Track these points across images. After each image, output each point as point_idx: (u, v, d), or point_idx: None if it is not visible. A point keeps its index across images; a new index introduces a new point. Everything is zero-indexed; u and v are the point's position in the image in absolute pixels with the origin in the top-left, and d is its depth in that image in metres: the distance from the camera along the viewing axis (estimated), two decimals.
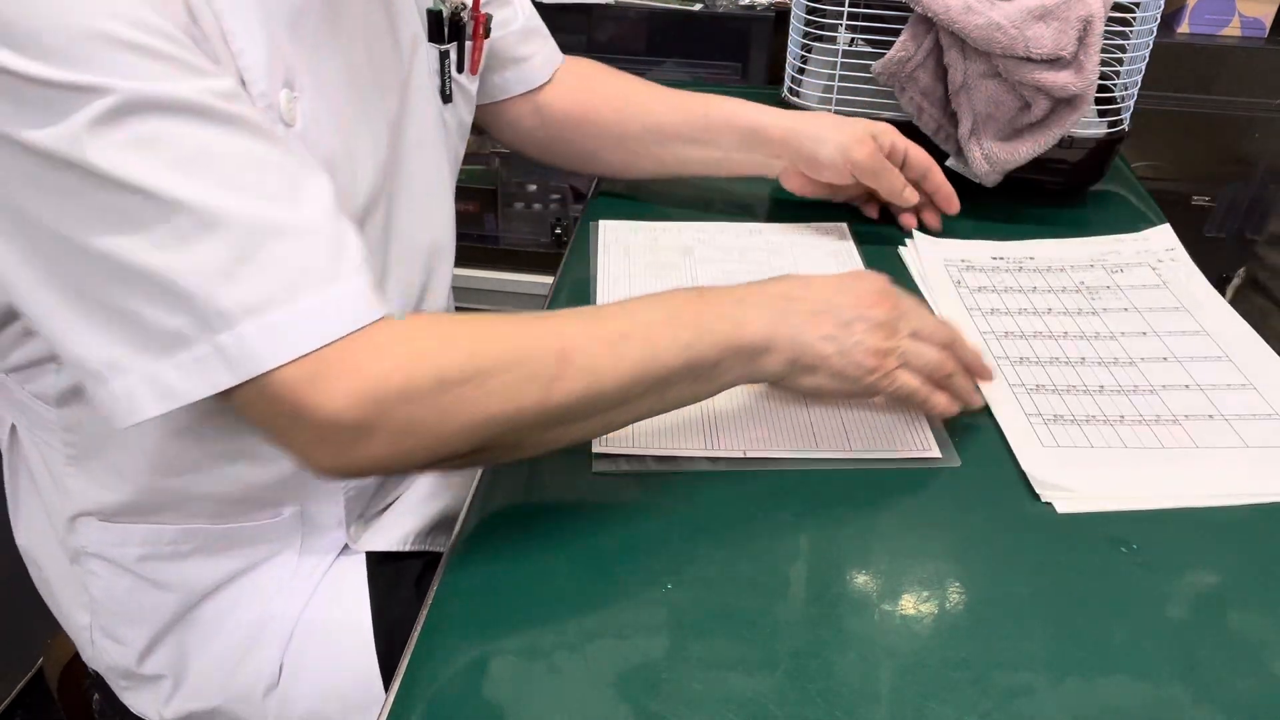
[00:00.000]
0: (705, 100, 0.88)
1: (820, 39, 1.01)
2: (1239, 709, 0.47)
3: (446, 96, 0.73)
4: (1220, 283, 1.00)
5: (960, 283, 0.81)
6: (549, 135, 0.90)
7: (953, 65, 0.86)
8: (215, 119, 0.47)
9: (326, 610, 0.70)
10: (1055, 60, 0.81)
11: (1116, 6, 0.86)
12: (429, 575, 0.55)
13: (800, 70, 0.99)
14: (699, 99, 0.88)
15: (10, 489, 0.72)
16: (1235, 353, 0.72)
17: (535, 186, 1.82)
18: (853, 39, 0.94)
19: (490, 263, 1.89)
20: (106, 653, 0.70)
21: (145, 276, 0.46)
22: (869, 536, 0.57)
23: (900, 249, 0.87)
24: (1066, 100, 0.83)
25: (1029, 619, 0.52)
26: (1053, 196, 0.95)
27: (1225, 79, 1.55)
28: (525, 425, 0.52)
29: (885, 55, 0.88)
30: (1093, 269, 0.83)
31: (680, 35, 1.60)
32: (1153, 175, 1.61)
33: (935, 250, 0.86)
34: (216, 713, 0.71)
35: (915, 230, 0.88)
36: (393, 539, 0.73)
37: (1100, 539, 0.57)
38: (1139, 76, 0.91)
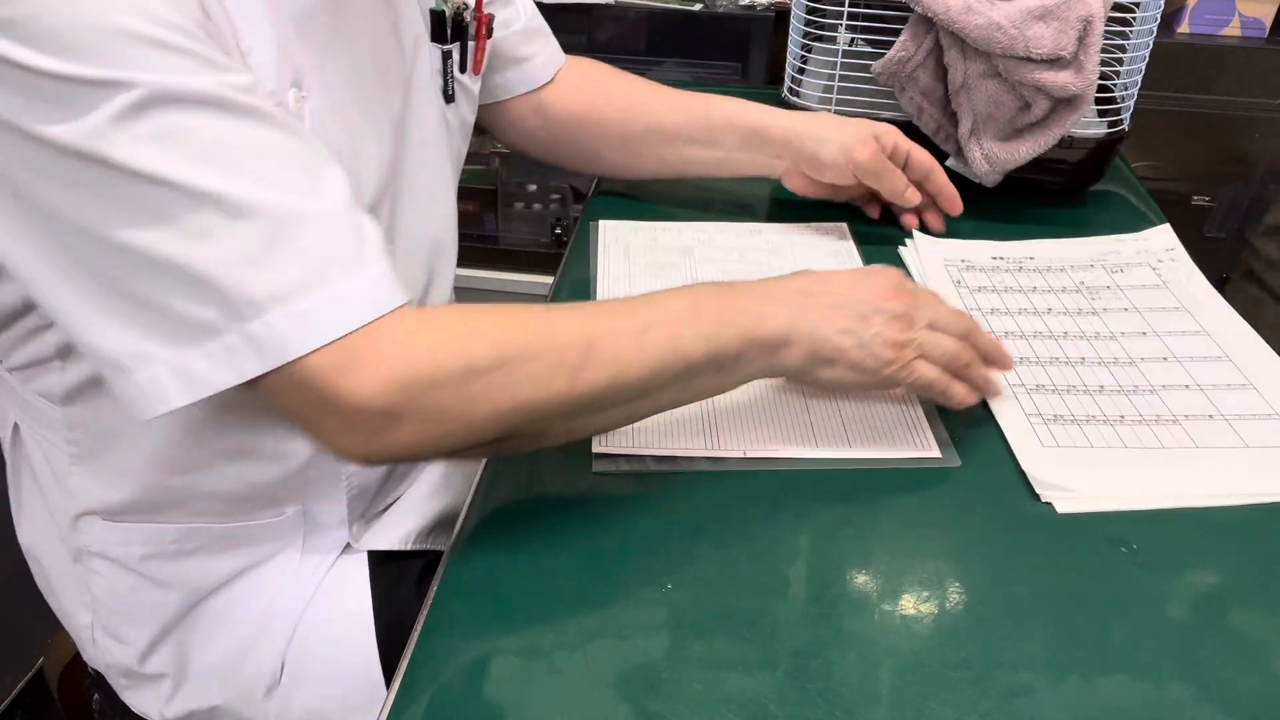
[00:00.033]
0: (707, 100, 0.88)
1: (820, 39, 1.01)
2: (1239, 709, 0.47)
3: (449, 96, 0.74)
4: (1220, 283, 1.00)
5: (960, 283, 0.81)
6: (551, 135, 0.90)
7: (953, 65, 0.86)
8: (235, 111, 0.47)
9: (328, 609, 0.70)
10: (1055, 60, 0.81)
11: (1116, 6, 0.86)
12: (430, 575, 0.56)
13: (800, 70, 0.99)
14: (701, 99, 0.88)
15: (13, 488, 0.73)
16: (1235, 353, 0.72)
17: (535, 186, 1.81)
18: (853, 39, 0.94)
19: (490, 263, 1.89)
20: (108, 652, 0.70)
21: (172, 268, 0.46)
22: (869, 536, 0.57)
23: (900, 249, 0.87)
24: (1066, 100, 0.83)
25: (1029, 619, 0.52)
26: (1053, 196, 0.95)
27: (1225, 79, 1.55)
28: (551, 413, 0.53)
29: (885, 55, 0.88)
30: (1093, 269, 0.83)
31: (680, 35, 1.60)
32: (1153, 175, 1.61)
33: (935, 250, 0.86)
34: (217, 711, 0.71)
35: (915, 230, 0.88)
36: (394, 538, 0.73)
37: (1100, 539, 0.57)
38: (1139, 76, 0.91)
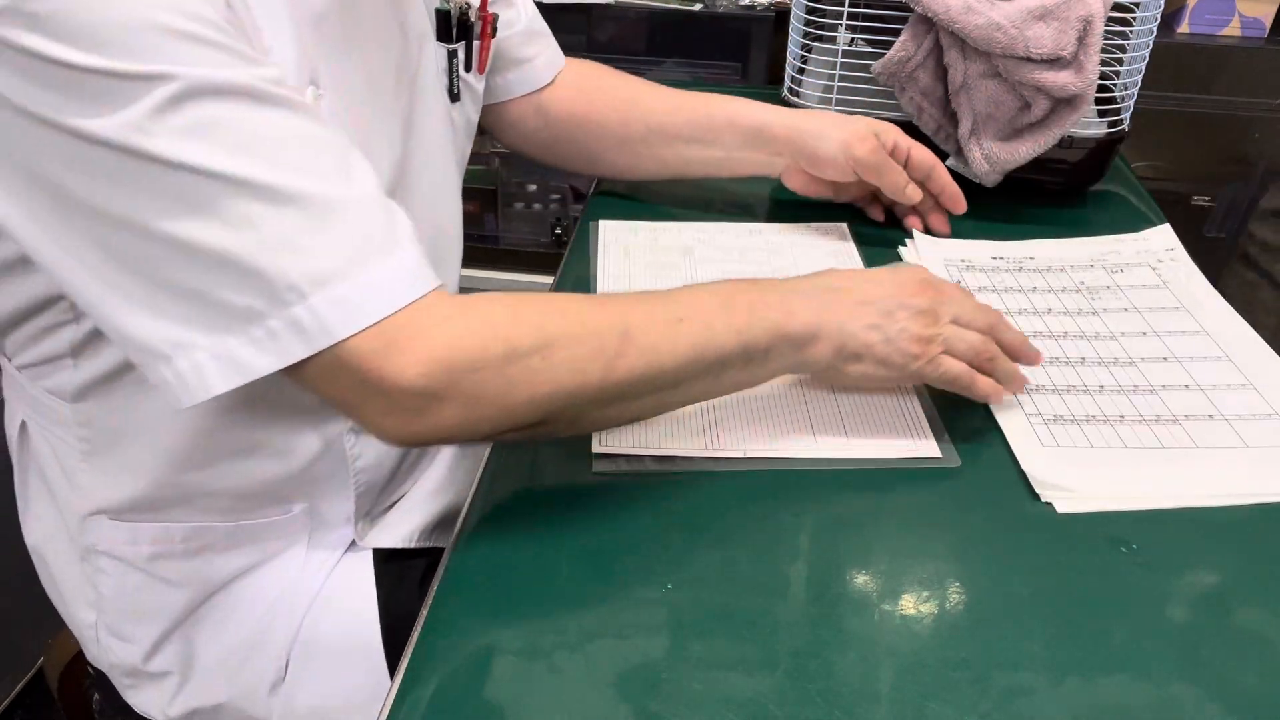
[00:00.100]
0: (707, 100, 0.88)
1: (820, 39, 1.01)
2: (1240, 709, 0.47)
3: (455, 95, 0.74)
4: (1216, 273, 1.00)
5: (960, 283, 0.81)
6: (551, 136, 0.90)
7: (953, 65, 0.86)
8: (270, 102, 0.48)
9: (333, 607, 0.70)
10: (1055, 60, 0.81)
11: (1116, 6, 0.86)
12: (434, 573, 0.56)
13: (800, 70, 0.99)
14: (701, 99, 0.88)
15: (20, 486, 0.73)
16: (1235, 353, 0.72)
17: (535, 186, 1.81)
18: (853, 39, 0.94)
19: (490, 263, 1.89)
20: (111, 651, 0.70)
21: (215, 256, 0.47)
22: (869, 536, 0.57)
23: (900, 249, 0.87)
24: (1066, 100, 0.83)
25: (1029, 619, 0.52)
26: (1053, 196, 0.95)
27: (1225, 79, 1.55)
28: (586, 400, 0.54)
29: (885, 55, 0.88)
30: (1093, 269, 0.83)
31: (680, 35, 1.60)
32: (1153, 175, 1.61)
33: (935, 250, 0.86)
34: (221, 709, 0.71)
35: (915, 230, 0.88)
36: (398, 535, 0.74)
37: (1100, 539, 0.57)
38: (1139, 76, 0.91)
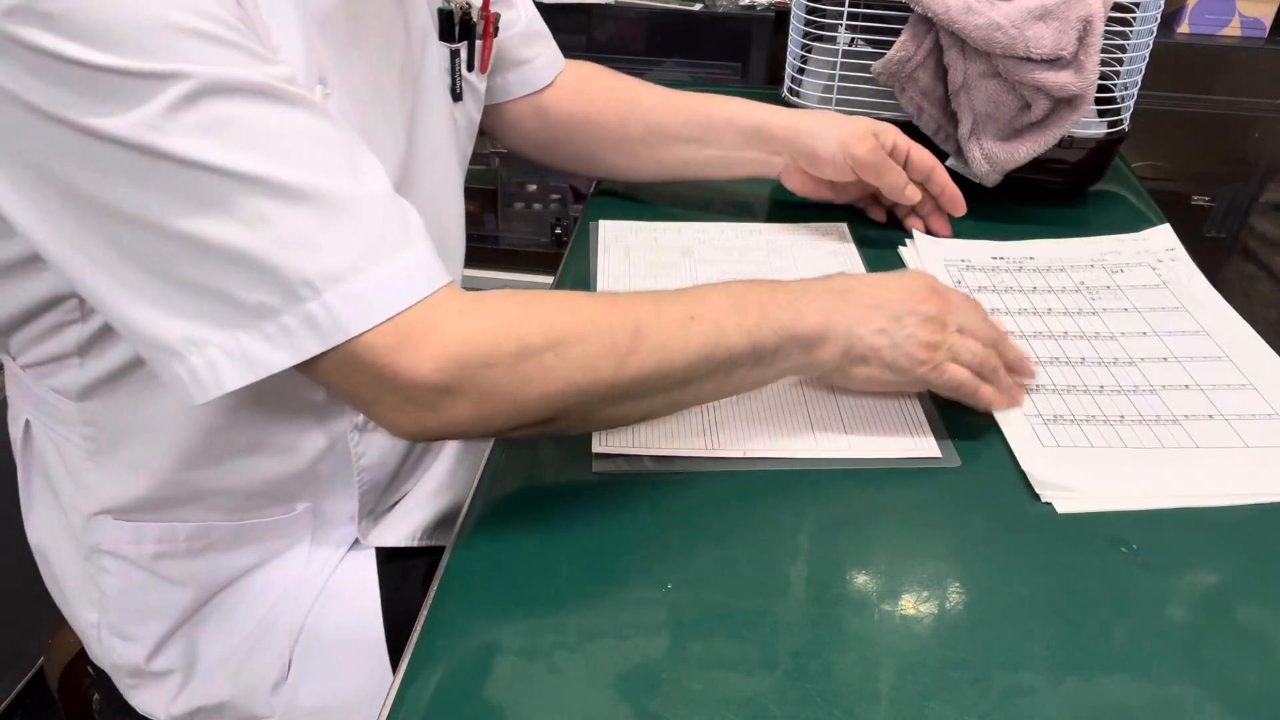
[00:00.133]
0: (707, 100, 0.88)
1: (820, 39, 1.01)
2: (1240, 709, 0.47)
3: (457, 95, 0.74)
4: (1216, 268, 1.00)
5: (960, 283, 0.81)
6: (551, 137, 0.90)
7: (953, 65, 0.86)
8: (282, 100, 0.48)
9: (336, 605, 0.70)
10: (1055, 60, 0.81)
11: (1116, 6, 0.86)
12: (435, 572, 0.56)
13: (800, 70, 0.99)
14: (700, 99, 0.88)
15: (23, 486, 0.73)
16: (1235, 353, 0.72)
17: (535, 186, 1.81)
18: (853, 39, 0.94)
19: (490, 263, 1.89)
20: (114, 650, 0.70)
21: (229, 253, 0.47)
22: (869, 536, 0.57)
23: (900, 249, 0.87)
24: (1066, 100, 0.83)
25: (1029, 619, 0.52)
26: (1053, 196, 0.95)
27: (1225, 79, 1.55)
28: (597, 397, 0.54)
29: (885, 55, 0.88)
30: (1093, 269, 0.83)
31: (680, 35, 1.60)
32: (1153, 175, 1.61)
33: (935, 250, 0.86)
34: (224, 708, 0.71)
35: (916, 230, 0.88)
36: (401, 534, 0.74)
37: (1100, 539, 0.57)
38: (1139, 76, 0.91)
